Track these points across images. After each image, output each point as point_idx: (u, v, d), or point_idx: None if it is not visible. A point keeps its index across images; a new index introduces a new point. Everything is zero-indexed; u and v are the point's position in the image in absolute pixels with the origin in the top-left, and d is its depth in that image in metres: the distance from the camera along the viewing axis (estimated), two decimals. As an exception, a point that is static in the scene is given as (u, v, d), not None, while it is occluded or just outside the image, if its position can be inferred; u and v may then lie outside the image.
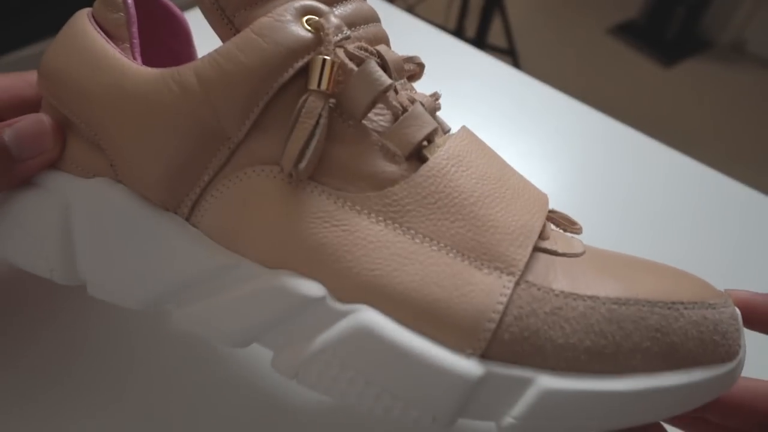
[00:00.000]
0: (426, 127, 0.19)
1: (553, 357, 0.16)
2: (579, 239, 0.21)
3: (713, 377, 0.17)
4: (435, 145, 0.19)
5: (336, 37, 0.18)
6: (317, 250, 0.17)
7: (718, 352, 0.17)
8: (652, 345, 0.17)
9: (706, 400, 0.17)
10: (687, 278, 0.19)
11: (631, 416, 0.16)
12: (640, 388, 0.16)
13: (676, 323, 0.17)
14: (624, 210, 0.36)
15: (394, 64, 0.20)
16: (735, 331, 0.18)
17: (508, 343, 0.16)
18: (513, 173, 0.20)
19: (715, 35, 1.92)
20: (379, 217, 0.18)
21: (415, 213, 0.18)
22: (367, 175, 0.18)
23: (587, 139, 0.41)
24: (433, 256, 0.17)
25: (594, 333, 0.16)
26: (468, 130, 0.21)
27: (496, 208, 0.18)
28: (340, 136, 0.18)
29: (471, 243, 0.17)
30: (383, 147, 0.19)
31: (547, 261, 0.18)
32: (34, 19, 0.66)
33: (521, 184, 0.20)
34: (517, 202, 0.19)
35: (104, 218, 0.20)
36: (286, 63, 0.18)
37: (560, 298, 0.17)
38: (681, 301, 0.17)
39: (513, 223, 0.18)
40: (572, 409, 0.16)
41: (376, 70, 0.18)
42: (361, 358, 0.17)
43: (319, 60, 0.18)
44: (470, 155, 0.19)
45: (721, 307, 0.18)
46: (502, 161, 0.21)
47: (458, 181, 0.18)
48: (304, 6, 0.19)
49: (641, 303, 0.17)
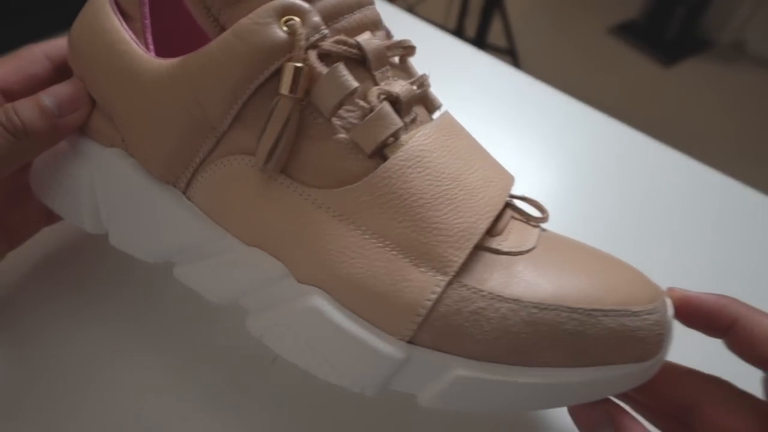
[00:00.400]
0: (389, 128, 0.20)
1: (470, 349, 0.18)
2: (539, 230, 0.22)
3: (622, 375, 0.19)
4: (398, 144, 0.20)
5: (312, 38, 0.19)
6: (281, 237, 0.20)
7: (632, 355, 0.19)
8: (564, 346, 0.18)
9: (617, 392, 0.19)
10: (626, 280, 0.20)
11: (538, 403, 0.19)
12: (546, 382, 0.18)
13: (592, 329, 0.18)
14: (624, 209, 0.36)
15: (374, 53, 0.20)
16: (656, 336, 0.19)
17: (432, 334, 0.18)
18: (474, 170, 0.21)
19: (715, 35, 1.92)
20: (336, 213, 0.19)
21: (367, 211, 0.19)
22: (332, 171, 0.20)
23: (587, 139, 0.41)
24: (378, 253, 0.19)
25: (511, 333, 0.18)
26: (445, 118, 0.22)
27: (443, 210, 0.19)
28: (310, 132, 0.20)
29: (414, 243, 0.19)
30: (349, 145, 0.20)
31: (488, 260, 0.19)
32: (34, 18, 0.66)
33: (480, 182, 0.20)
34: (468, 203, 0.20)
35: (117, 185, 0.23)
36: (260, 66, 0.19)
37: (486, 299, 0.18)
38: (602, 308, 0.18)
39: (457, 225, 0.19)
40: (483, 394, 0.19)
41: (343, 74, 0.19)
42: (310, 332, 0.20)
43: (289, 67, 0.19)
44: (431, 154, 0.20)
45: (645, 315, 0.19)
46: (469, 154, 0.21)
47: (411, 183, 0.19)
48: (283, 6, 0.19)
49: (562, 309, 0.18)
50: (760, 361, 0.20)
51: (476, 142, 0.23)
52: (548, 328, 0.18)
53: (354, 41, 0.20)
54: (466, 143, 0.21)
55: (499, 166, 0.22)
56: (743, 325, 0.20)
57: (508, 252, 0.20)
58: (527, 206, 0.23)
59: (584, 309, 0.18)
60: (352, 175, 0.20)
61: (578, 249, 0.21)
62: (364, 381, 0.19)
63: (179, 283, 0.23)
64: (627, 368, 0.19)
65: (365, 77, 0.21)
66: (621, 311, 0.19)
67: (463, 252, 0.19)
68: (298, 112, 0.19)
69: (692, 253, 0.34)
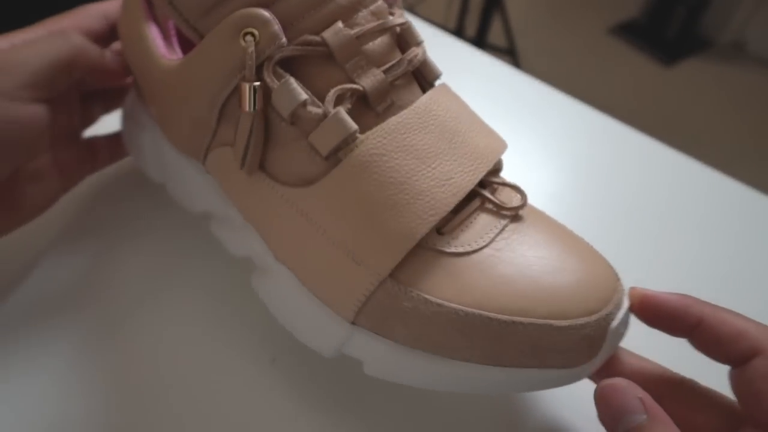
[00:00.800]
0: (340, 134, 0.20)
1: (399, 338, 0.20)
2: (508, 220, 0.22)
3: (543, 379, 0.20)
4: (353, 146, 0.21)
5: (268, 51, 0.21)
6: (261, 222, 0.23)
7: (552, 364, 0.19)
8: (482, 349, 0.19)
9: (542, 389, 0.21)
10: (569, 289, 0.20)
11: (461, 389, 0.21)
12: (465, 375, 0.20)
13: (510, 337, 0.19)
14: (624, 210, 0.36)
15: (340, 47, 0.21)
16: (583, 348, 0.19)
17: (368, 321, 0.21)
18: (431, 168, 0.21)
19: (715, 35, 1.92)
20: (298, 209, 0.21)
21: (319, 211, 0.21)
22: (298, 172, 0.22)
23: (587, 139, 0.41)
24: (327, 247, 0.21)
25: (432, 332, 0.20)
26: (419, 106, 0.22)
27: (385, 214, 0.20)
28: (278, 136, 0.22)
29: (356, 242, 0.20)
30: (310, 148, 0.21)
31: (428, 260, 0.21)
32: (34, 18, 0.66)
33: (432, 183, 0.21)
34: (411, 207, 0.20)
35: (161, 152, 0.27)
36: (224, 81, 0.22)
37: (413, 300, 0.20)
38: (522, 321, 0.19)
39: (396, 230, 0.20)
40: (410, 374, 0.21)
41: (291, 88, 0.21)
42: (280, 303, 0.23)
43: (244, 86, 0.21)
44: (380, 158, 0.21)
45: (569, 330, 0.19)
46: (431, 150, 0.21)
47: (357, 188, 0.20)
48: (242, 18, 0.21)
49: (482, 317, 0.19)
50: (726, 358, 0.20)
51: (452, 129, 0.22)
52: (468, 331, 0.19)
53: (318, 38, 0.21)
54: (432, 137, 0.22)
55: (472, 155, 0.22)
56: (709, 323, 0.20)
57: (453, 253, 0.21)
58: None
59: (504, 320, 0.19)
60: (313, 176, 0.21)
61: (542, 244, 0.21)
62: (320, 347, 0.22)
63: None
64: (547, 373, 0.20)
65: (334, 71, 0.21)
66: (542, 325, 0.19)
67: (397, 256, 0.20)
68: (261, 121, 0.21)
69: (692, 253, 0.34)
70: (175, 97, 0.24)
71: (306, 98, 0.21)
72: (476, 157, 0.22)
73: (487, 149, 0.23)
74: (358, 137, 0.21)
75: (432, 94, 0.23)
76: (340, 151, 0.21)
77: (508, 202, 0.23)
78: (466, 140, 0.22)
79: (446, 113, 0.23)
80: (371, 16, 0.22)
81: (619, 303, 0.20)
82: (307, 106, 0.21)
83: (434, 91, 0.23)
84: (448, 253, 0.21)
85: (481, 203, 0.22)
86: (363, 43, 0.22)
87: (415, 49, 0.23)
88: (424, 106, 0.22)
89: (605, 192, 0.37)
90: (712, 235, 0.35)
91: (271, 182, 0.22)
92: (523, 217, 0.23)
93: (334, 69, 0.21)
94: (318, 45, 0.21)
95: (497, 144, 0.24)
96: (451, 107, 0.23)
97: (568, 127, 0.41)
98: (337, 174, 0.21)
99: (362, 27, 0.22)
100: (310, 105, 0.21)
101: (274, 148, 0.22)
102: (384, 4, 0.24)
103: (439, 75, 0.24)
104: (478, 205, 0.22)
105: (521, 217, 0.23)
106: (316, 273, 0.21)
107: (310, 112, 0.21)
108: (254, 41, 0.20)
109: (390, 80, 0.22)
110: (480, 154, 0.22)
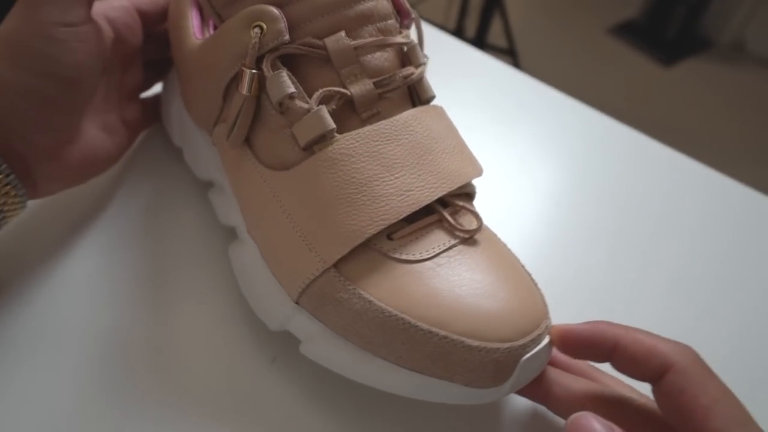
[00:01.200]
0: (318, 129, 0.22)
1: (333, 325, 0.22)
2: (458, 241, 0.23)
3: (451, 391, 0.21)
4: (328, 142, 0.23)
5: (271, 44, 0.23)
6: (243, 196, 0.25)
7: (460, 379, 0.20)
8: (398, 351, 0.21)
9: (451, 402, 0.21)
10: (492, 313, 0.21)
11: (371, 383, 0.22)
12: (381, 374, 0.21)
13: (425, 346, 0.20)
14: (623, 210, 0.36)
15: (338, 54, 0.23)
16: (490, 371, 0.20)
17: (309, 304, 0.23)
18: (395, 177, 0.22)
19: (715, 35, 1.92)
20: (272, 189, 0.24)
21: (287, 196, 0.23)
22: (276, 155, 0.24)
23: (587, 139, 0.41)
24: (288, 229, 0.23)
25: (359, 326, 0.21)
26: (399, 120, 0.23)
27: (341, 210, 0.22)
28: (267, 121, 0.24)
29: (312, 230, 0.22)
30: (291, 137, 0.23)
31: (372, 259, 0.22)
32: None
33: (391, 191, 0.22)
34: (366, 209, 0.22)
35: (182, 124, 0.32)
36: (231, 64, 0.24)
37: (348, 292, 0.22)
38: (438, 333, 0.20)
39: (348, 226, 0.22)
40: (335, 359, 0.23)
41: (281, 80, 0.23)
42: (241, 272, 0.26)
43: (245, 72, 0.23)
44: (348, 159, 0.22)
45: (480, 351, 0.20)
46: (398, 162, 0.23)
47: (322, 182, 0.22)
48: (254, 13, 0.23)
49: (404, 321, 0.21)
50: (644, 376, 0.20)
51: (425, 146, 0.24)
52: (389, 331, 0.21)
53: (320, 42, 0.23)
54: (403, 150, 0.23)
55: (438, 175, 0.23)
56: (623, 345, 0.20)
57: (396, 258, 0.22)
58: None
59: (422, 327, 0.20)
60: (290, 163, 0.23)
61: (481, 269, 0.22)
62: (267, 319, 0.25)
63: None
64: (456, 387, 0.21)
65: (329, 74, 0.24)
66: (455, 340, 0.20)
67: (342, 249, 0.22)
68: (252, 104, 0.24)
69: (692, 253, 0.34)
70: (194, 73, 0.27)
71: (293, 91, 0.23)
72: (443, 177, 0.23)
73: (456, 172, 0.24)
74: (335, 136, 0.23)
75: (416, 112, 0.24)
76: (316, 145, 0.23)
77: (466, 225, 0.24)
78: (437, 160, 0.24)
79: (425, 131, 0.24)
80: (377, 31, 0.24)
81: (537, 339, 0.21)
82: (295, 99, 0.23)
83: (420, 110, 0.25)
84: (392, 258, 0.22)
85: (438, 220, 0.23)
86: (361, 54, 0.24)
87: (412, 69, 0.25)
88: (403, 120, 0.24)
89: (604, 191, 0.37)
90: (711, 235, 0.35)
91: (255, 162, 0.24)
92: (477, 242, 0.24)
93: (330, 72, 0.24)
94: (318, 48, 0.23)
95: (470, 169, 0.25)
96: (432, 127, 0.25)
97: (567, 127, 0.42)
98: (307, 165, 0.23)
99: (363, 40, 0.24)
100: (298, 99, 0.23)
101: (263, 131, 0.24)
102: (394, 23, 0.25)
103: (433, 96, 0.26)
104: (435, 221, 0.23)
105: (475, 241, 0.24)
106: (276, 250, 0.24)
107: (297, 105, 0.23)
108: (261, 33, 0.23)
109: (379, 92, 0.24)
110: (447, 175, 0.24)
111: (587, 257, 0.33)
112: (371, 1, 0.24)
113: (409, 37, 0.26)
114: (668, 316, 0.30)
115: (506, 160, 0.39)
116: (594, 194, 0.37)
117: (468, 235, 0.23)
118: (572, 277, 0.32)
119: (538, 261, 0.32)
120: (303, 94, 0.23)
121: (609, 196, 0.37)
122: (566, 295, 0.31)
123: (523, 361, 0.21)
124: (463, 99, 0.43)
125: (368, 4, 0.24)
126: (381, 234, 0.22)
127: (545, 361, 0.22)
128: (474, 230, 0.23)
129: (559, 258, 0.33)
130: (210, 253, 0.30)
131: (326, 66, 0.24)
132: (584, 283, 0.31)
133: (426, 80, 0.26)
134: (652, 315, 0.30)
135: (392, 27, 0.25)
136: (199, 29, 0.29)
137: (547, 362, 0.22)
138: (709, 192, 0.38)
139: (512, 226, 0.34)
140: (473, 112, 0.42)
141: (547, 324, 0.22)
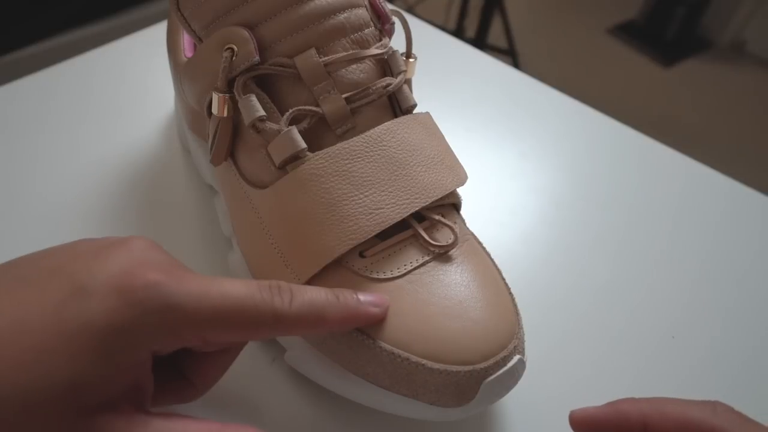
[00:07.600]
0: (288, 150, 0.23)
1: (310, 339, 0.23)
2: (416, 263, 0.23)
3: (416, 408, 0.21)
4: (300, 162, 0.23)
5: (241, 67, 0.23)
6: (231, 209, 0.26)
7: (425, 399, 0.21)
8: (363, 367, 0.21)
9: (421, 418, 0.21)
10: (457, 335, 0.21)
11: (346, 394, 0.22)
12: (347, 386, 0.22)
13: (389, 365, 0.21)
14: (623, 210, 0.36)
15: (309, 72, 0.23)
16: (449, 394, 0.20)
17: None
18: (365, 196, 0.22)
19: (715, 35, 1.92)
20: (253, 206, 0.24)
21: (267, 214, 0.24)
22: (256, 173, 0.24)
23: (587, 139, 0.41)
24: (268, 245, 0.24)
25: (331, 342, 0.22)
26: (372, 135, 0.23)
27: (312, 229, 0.22)
28: (246, 141, 0.25)
29: (287, 248, 0.23)
30: (268, 156, 0.24)
31: (343, 276, 0.22)
32: (34, 18, 0.66)
33: (360, 210, 0.22)
34: (334, 228, 0.22)
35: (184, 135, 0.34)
36: (207, 87, 0.25)
37: None
38: (401, 354, 0.20)
39: (318, 245, 0.22)
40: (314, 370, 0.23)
41: (251, 104, 0.23)
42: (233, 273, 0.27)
43: (215, 96, 0.24)
44: (318, 179, 0.23)
45: (441, 373, 0.20)
46: (368, 179, 0.23)
47: (294, 201, 0.23)
48: (225, 35, 0.24)
49: (366, 341, 0.21)
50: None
51: (398, 161, 0.23)
52: (356, 350, 0.21)
53: (290, 62, 0.23)
54: (374, 166, 0.23)
55: (411, 189, 0.23)
56: (654, 424, 0.19)
57: (366, 276, 0.22)
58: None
59: (385, 348, 0.21)
60: (268, 180, 0.24)
61: (453, 287, 0.22)
62: None
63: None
64: (420, 405, 0.21)
65: (302, 92, 0.24)
66: (416, 363, 0.20)
67: (314, 268, 0.22)
68: (228, 124, 0.24)
69: (692, 253, 0.34)
70: (184, 88, 0.28)
71: (262, 114, 0.23)
72: (416, 191, 0.23)
73: (432, 185, 0.24)
74: (308, 155, 0.23)
75: (391, 125, 0.24)
76: (289, 165, 0.23)
77: (442, 240, 0.23)
78: (411, 174, 0.23)
79: (399, 145, 0.24)
80: (351, 43, 0.24)
81: (502, 361, 0.21)
82: (265, 122, 0.23)
83: (396, 122, 0.24)
84: (362, 276, 0.22)
85: (413, 235, 0.23)
86: (334, 70, 0.24)
87: (389, 79, 0.25)
88: (375, 136, 0.23)
89: (604, 192, 0.37)
90: (711, 235, 0.35)
91: (239, 178, 0.25)
92: (452, 258, 0.23)
93: (303, 90, 0.24)
94: (289, 67, 0.24)
95: (449, 180, 0.24)
96: (408, 140, 0.24)
97: (567, 127, 0.42)
98: (280, 185, 0.23)
99: (335, 55, 0.24)
100: (269, 120, 0.24)
101: (244, 150, 0.25)
102: (372, 32, 0.25)
103: (414, 105, 0.26)
104: (408, 236, 0.23)
105: (449, 257, 0.23)
106: (259, 265, 0.24)
107: (268, 127, 0.23)
108: (232, 55, 0.23)
109: (352, 107, 0.24)
110: (422, 189, 0.23)
111: (587, 257, 0.33)
112: (343, 14, 0.24)
113: (388, 44, 0.25)
114: (668, 315, 0.30)
115: (506, 160, 0.38)
116: (594, 194, 0.37)
117: (442, 251, 0.23)
118: (572, 278, 0.32)
119: (538, 261, 0.32)
120: (276, 114, 0.24)
121: (609, 196, 0.37)
122: (566, 296, 0.31)
123: (486, 383, 0.20)
124: (463, 99, 0.43)
125: (339, 18, 0.24)
126: (353, 251, 0.23)
127: (514, 380, 0.22)
128: (448, 245, 0.23)
129: (559, 258, 0.33)
130: (212, 253, 0.30)
131: (299, 84, 0.24)
132: (584, 283, 0.31)
133: (406, 89, 0.26)
134: (652, 315, 0.30)
135: (369, 36, 0.25)
136: (190, 46, 0.31)
137: (518, 380, 0.22)
138: (709, 192, 0.38)
139: (512, 227, 0.34)
140: (473, 113, 0.42)
141: (516, 344, 0.22)
